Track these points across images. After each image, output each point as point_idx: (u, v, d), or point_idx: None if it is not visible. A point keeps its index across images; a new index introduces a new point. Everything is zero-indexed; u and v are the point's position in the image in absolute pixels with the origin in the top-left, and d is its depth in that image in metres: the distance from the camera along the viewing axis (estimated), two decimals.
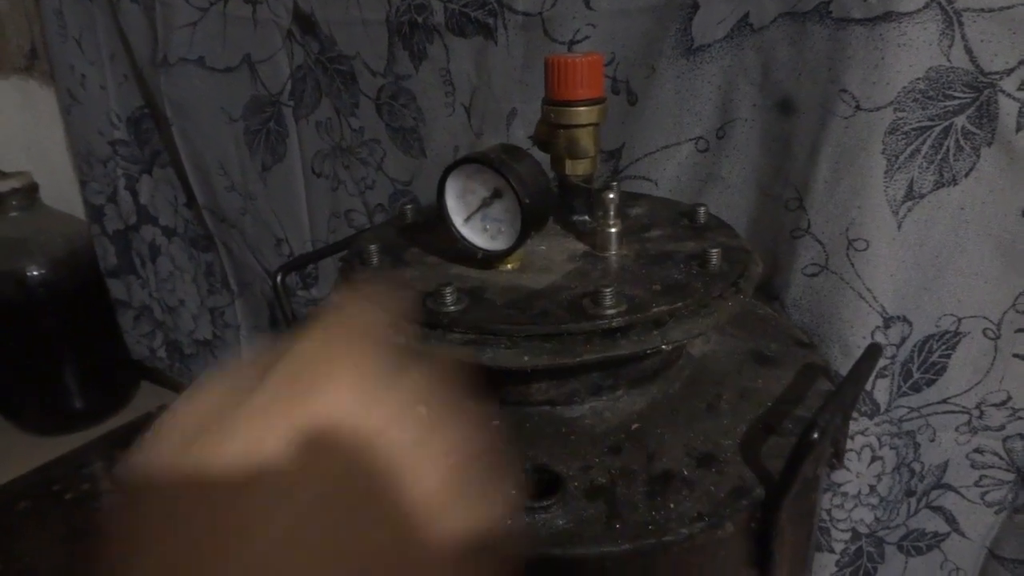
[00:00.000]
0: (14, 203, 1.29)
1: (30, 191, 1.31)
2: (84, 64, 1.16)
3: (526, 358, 0.40)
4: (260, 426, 0.23)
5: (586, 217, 0.53)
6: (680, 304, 0.42)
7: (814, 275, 0.62)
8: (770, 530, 0.39)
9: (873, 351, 0.46)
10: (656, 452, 0.43)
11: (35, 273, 1.27)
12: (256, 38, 0.90)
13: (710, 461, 0.42)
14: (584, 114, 0.49)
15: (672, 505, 0.39)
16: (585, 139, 0.50)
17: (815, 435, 0.37)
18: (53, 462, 1.25)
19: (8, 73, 1.35)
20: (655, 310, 0.41)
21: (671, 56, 0.63)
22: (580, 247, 0.50)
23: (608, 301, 0.41)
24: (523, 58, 0.71)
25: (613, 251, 0.49)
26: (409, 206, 0.57)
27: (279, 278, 0.62)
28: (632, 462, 0.42)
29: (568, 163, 0.51)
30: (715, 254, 0.45)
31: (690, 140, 0.66)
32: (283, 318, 0.64)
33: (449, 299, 0.42)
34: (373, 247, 0.50)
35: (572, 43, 0.67)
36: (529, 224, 0.44)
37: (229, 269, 1.16)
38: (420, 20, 0.76)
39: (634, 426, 0.45)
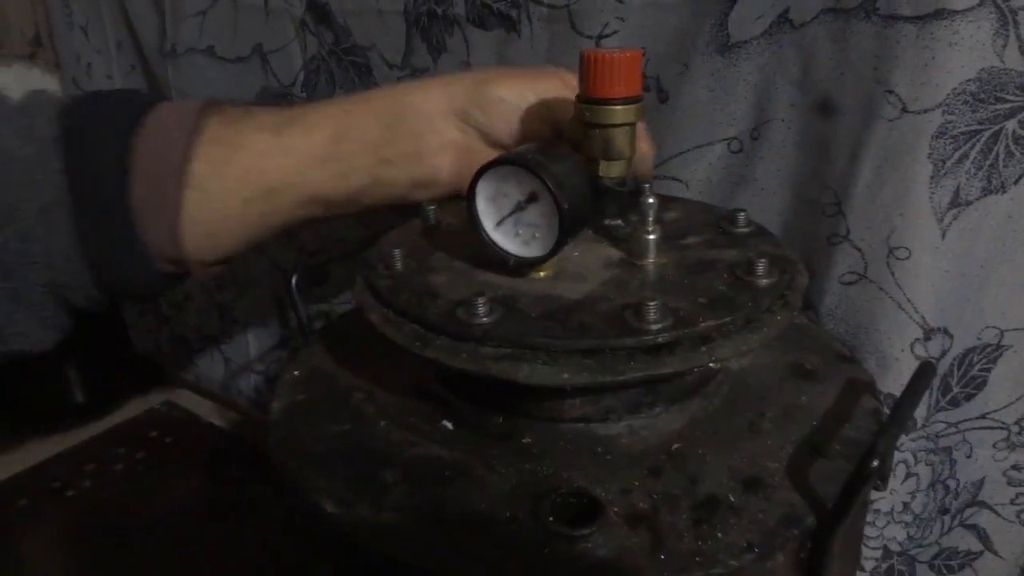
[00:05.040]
0: None
1: None
2: (90, 53, 1.14)
3: (565, 375, 0.37)
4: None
5: (620, 222, 0.51)
6: (728, 319, 0.39)
7: (851, 283, 0.59)
8: (822, 560, 0.37)
9: (926, 370, 0.43)
10: (699, 475, 0.40)
11: None
12: (268, 27, 0.87)
13: (756, 485, 0.40)
14: (621, 113, 0.46)
15: (719, 534, 0.36)
16: (621, 139, 0.47)
17: (875, 462, 0.35)
18: (53, 458, 1.23)
19: (11, 60, 1.32)
20: (703, 325, 0.38)
21: (705, 52, 0.60)
22: (615, 254, 0.47)
23: (652, 315, 0.38)
24: (547, 52, 0.68)
25: (651, 259, 0.46)
26: (432, 206, 0.55)
27: (293, 280, 0.59)
28: (674, 486, 0.39)
29: (602, 164, 0.48)
30: (761, 264, 0.43)
31: (723, 140, 0.63)
32: (296, 320, 0.61)
33: (481, 310, 0.39)
34: (396, 251, 0.47)
35: (600, 37, 0.64)
36: (567, 230, 0.41)
37: (237, 264, 1.14)
38: (439, 11, 0.73)
39: (675, 446, 0.42)
